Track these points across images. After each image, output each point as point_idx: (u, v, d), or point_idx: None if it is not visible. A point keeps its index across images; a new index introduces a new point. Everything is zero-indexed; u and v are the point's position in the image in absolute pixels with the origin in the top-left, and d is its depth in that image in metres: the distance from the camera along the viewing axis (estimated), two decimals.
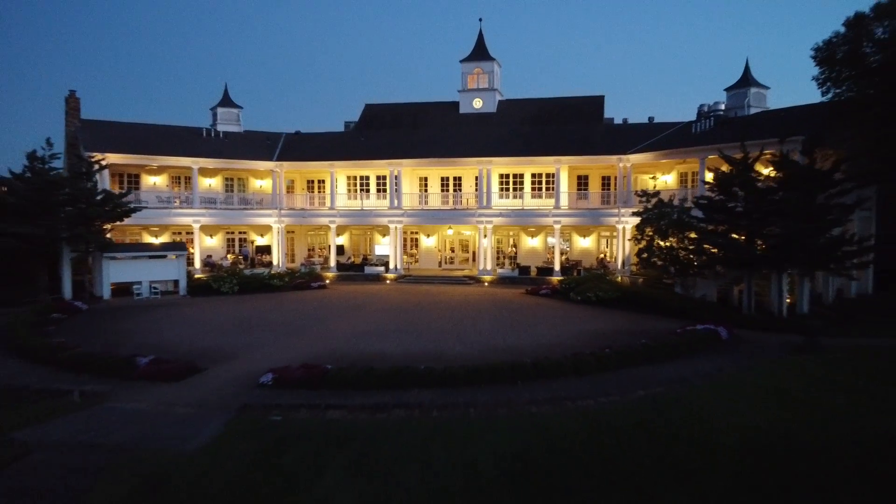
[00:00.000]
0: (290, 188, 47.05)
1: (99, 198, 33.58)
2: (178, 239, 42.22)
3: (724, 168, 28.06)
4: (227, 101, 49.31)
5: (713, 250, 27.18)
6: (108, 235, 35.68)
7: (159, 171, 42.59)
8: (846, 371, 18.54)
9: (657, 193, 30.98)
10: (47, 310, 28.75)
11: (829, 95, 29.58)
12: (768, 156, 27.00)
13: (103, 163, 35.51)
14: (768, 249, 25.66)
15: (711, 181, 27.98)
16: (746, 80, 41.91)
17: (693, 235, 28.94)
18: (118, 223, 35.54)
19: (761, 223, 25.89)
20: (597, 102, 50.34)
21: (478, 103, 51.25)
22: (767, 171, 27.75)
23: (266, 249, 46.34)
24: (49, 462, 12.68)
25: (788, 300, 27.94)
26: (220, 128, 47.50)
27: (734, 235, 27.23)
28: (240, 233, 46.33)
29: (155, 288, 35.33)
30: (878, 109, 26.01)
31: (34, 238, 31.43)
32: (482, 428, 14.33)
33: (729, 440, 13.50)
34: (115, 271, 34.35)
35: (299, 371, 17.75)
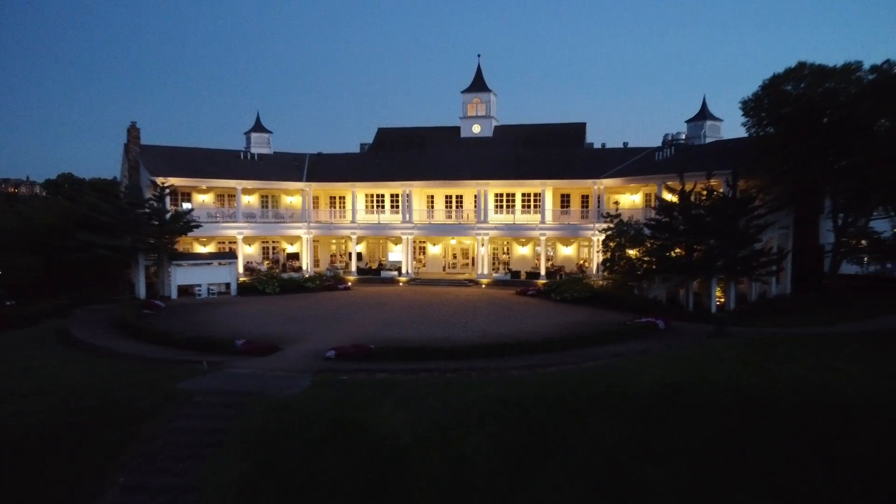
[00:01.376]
0: (316, 204, 54.17)
1: (168, 216, 40.81)
2: (223, 248, 49.33)
3: (669, 196, 35.33)
4: (259, 127, 56.51)
5: (655, 261, 34.45)
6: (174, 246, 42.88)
7: (207, 190, 49.76)
8: (735, 348, 25.81)
9: (619, 215, 38.27)
10: (138, 306, 35.98)
11: (754, 137, 36.85)
12: (701, 186, 34.29)
13: (168, 186, 42.72)
14: (700, 261, 32.91)
15: (658, 206, 35.26)
16: (703, 114, 49.34)
17: (649, 245, 36.19)
18: (181, 236, 42.75)
19: (696, 240, 33.16)
20: (579, 129, 57.73)
21: (476, 129, 58.57)
22: (716, 193, 35.07)
23: (295, 256, 53.52)
24: (206, 402, 19.91)
25: (722, 300, 35.23)
26: (254, 150, 54.67)
27: (677, 249, 34.49)
28: (273, 242, 53.53)
29: (211, 289, 42.55)
30: (788, 149, 33.21)
31: (120, 249, 38.67)
32: (479, 383, 21.59)
33: (641, 390, 20.77)
34: (181, 276, 41.56)
35: (351, 349, 24.96)
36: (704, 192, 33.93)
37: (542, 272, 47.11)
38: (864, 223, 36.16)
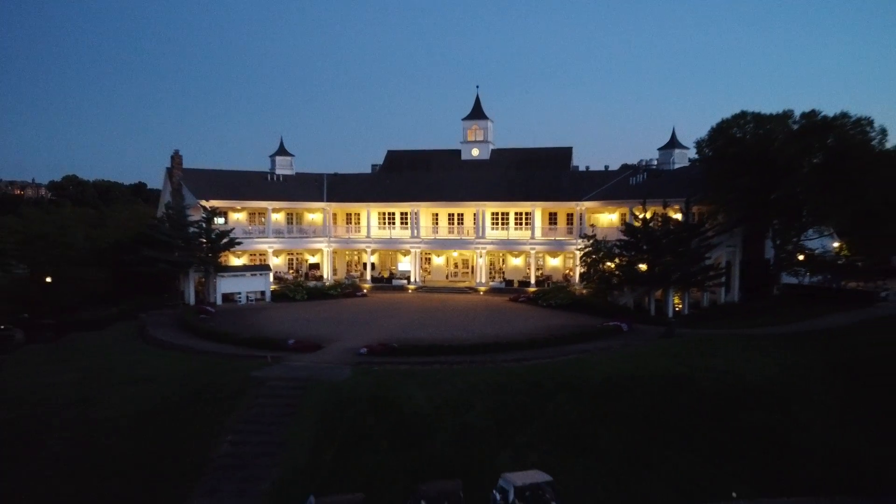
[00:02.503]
0: (335, 220, 60.97)
1: (215, 235, 47.67)
2: (254, 260, 56.06)
3: (641, 215, 42.28)
4: (282, 151, 63.35)
5: (624, 274, 41.39)
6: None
7: (241, 209, 56.57)
8: (677, 345, 32.75)
9: (594, 235, 45.20)
10: (194, 311, 42.84)
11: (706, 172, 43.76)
12: (661, 212, 41.23)
13: (213, 208, 49.53)
14: (659, 274, 39.82)
15: (625, 226, 42.19)
16: (673, 143, 56.35)
17: (617, 262, 43.11)
18: (224, 252, 49.57)
19: (655, 257, 40.08)
20: (566, 153, 64.75)
21: (475, 152, 65.54)
22: (676, 216, 41.99)
23: (316, 266, 60.36)
24: (278, 385, 26.79)
25: (679, 306, 42.13)
26: (278, 171, 61.47)
27: (642, 264, 41.38)
28: (297, 254, 60.39)
29: (249, 296, 49.42)
30: (731, 182, 40.05)
31: (178, 263, 45.52)
32: (478, 371, 28.50)
33: (598, 377, 27.70)
34: (224, 285, 48.44)
35: (378, 347, 31.83)
36: (660, 218, 40.86)
37: (533, 281, 53.97)
38: (796, 243, 43.11)
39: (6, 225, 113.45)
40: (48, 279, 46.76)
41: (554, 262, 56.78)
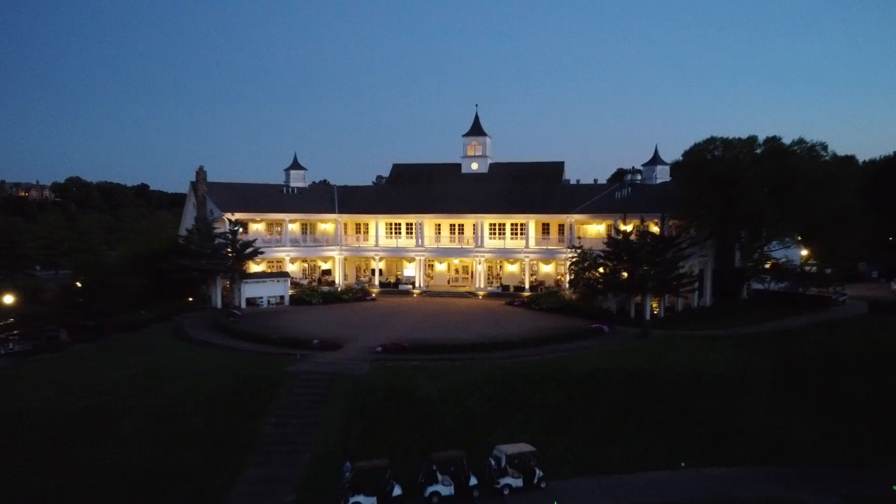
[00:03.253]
0: (345, 230, 65.89)
1: (239, 245, 52.63)
2: (271, 267, 60.91)
3: (624, 227, 47.29)
4: (296, 165, 68.32)
5: (607, 281, 46.41)
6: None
7: (260, 220, 61.50)
8: (648, 345, 37.75)
9: (581, 246, 50.19)
10: (224, 314, 47.78)
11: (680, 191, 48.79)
12: (639, 226, 46.23)
13: (237, 221, 54.47)
14: (637, 282, 44.81)
15: (609, 239, 47.15)
16: (655, 159, 61.31)
17: (601, 271, 48.09)
18: (248, 261, 54.48)
19: (635, 266, 45.08)
20: (558, 167, 69.66)
21: (475, 166, 70.44)
22: (655, 228, 46.96)
23: (328, 272, 65.31)
24: (309, 378, 31.79)
25: (656, 310, 47.12)
26: (292, 184, 66.44)
27: (623, 273, 46.33)
28: (311, 261, 65.34)
29: (270, 300, 54.36)
30: (701, 200, 45.08)
31: (206, 270, 50.48)
32: (477, 366, 33.48)
33: (578, 371, 32.71)
34: (248, 290, 53.40)
35: (391, 346, 36.80)
36: (640, 231, 45.88)
37: (527, 286, 58.95)
38: (760, 253, 48.19)
39: (29, 231, 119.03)
40: (90, 285, 51.47)
41: (546, 269, 61.75)
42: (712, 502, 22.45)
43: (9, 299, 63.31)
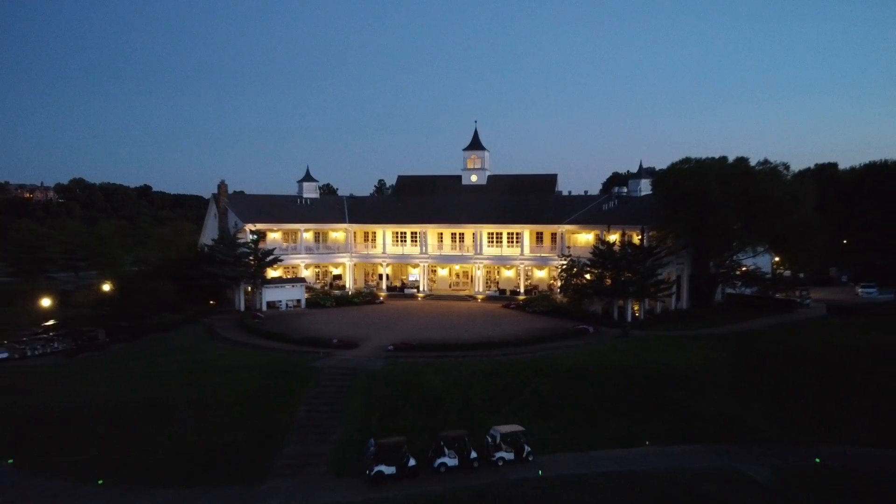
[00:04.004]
0: (355, 238, 70.81)
1: (260, 253, 57.52)
2: (287, 273, 65.75)
3: (611, 237, 52.27)
4: (308, 177, 73.28)
5: (593, 286, 51.36)
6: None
7: (277, 229, 66.40)
8: (627, 344, 42.66)
9: (570, 255, 55.14)
10: (249, 316, 52.67)
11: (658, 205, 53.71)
12: (621, 236, 51.17)
13: (258, 231, 59.35)
14: (620, 287, 49.74)
15: (595, 249, 52.06)
16: (640, 173, 66.32)
17: (588, 277, 53.02)
18: (268, 268, 59.38)
19: (618, 273, 50.00)
20: (551, 179, 74.64)
21: (474, 178, 75.39)
22: (638, 238, 51.88)
23: (338, 277, 70.20)
24: (333, 372, 36.72)
25: (637, 312, 52.03)
26: (305, 195, 71.41)
27: (608, 279, 51.23)
28: (323, 267, 70.24)
29: (288, 304, 59.25)
30: (674, 215, 49.95)
31: (231, 277, 55.37)
32: (476, 362, 38.38)
33: (564, 367, 37.65)
34: (269, 294, 58.31)
35: (401, 345, 41.71)
36: (623, 241, 50.85)
37: (522, 290, 63.87)
38: (730, 262, 53.15)
39: (48, 235, 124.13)
40: (126, 289, 56.25)
41: (540, 274, 66.71)
42: (665, 471, 27.39)
43: (46, 302, 68.37)
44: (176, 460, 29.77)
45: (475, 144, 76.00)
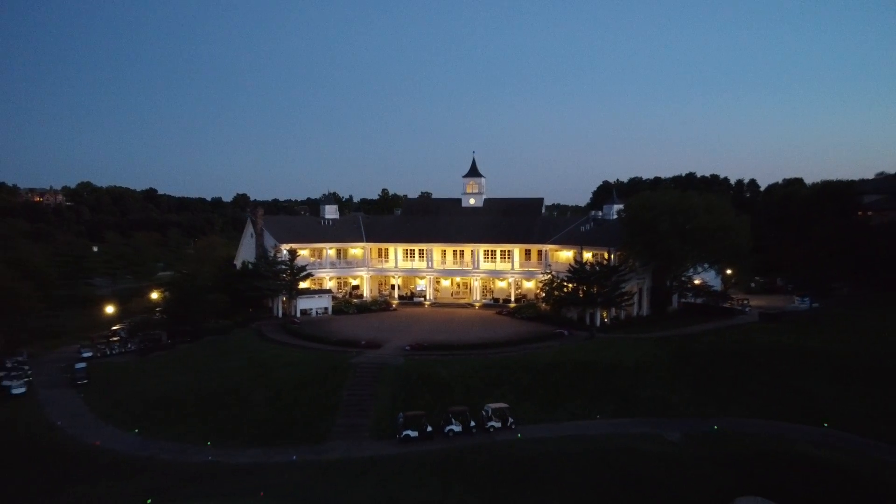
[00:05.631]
0: (371, 254, 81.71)
1: (295, 269, 68.44)
2: (313, 285, 76.42)
3: (587, 255, 63.29)
4: (330, 200, 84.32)
5: (569, 297, 62.43)
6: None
7: (306, 248, 77.27)
8: (592, 344, 53.72)
9: (550, 271, 66.22)
10: (288, 322, 63.59)
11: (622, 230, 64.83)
12: (592, 255, 62.22)
13: (289, 248, 70.28)
14: (590, 298, 60.76)
15: (570, 267, 63.08)
16: (612, 199, 77.47)
17: (566, 289, 64.03)
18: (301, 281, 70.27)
19: (588, 287, 61.05)
20: (538, 203, 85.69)
21: (472, 201, 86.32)
22: (608, 257, 62.93)
23: (356, 287, 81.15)
24: (365, 367, 47.73)
25: (606, 318, 63.09)
26: (327, 216, 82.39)
27: (581, 292, 62.24)
28: (343, 279, 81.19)
29: (318, 311, 70.17)
30: (633, 239, 61.02)
31: (273, 289, 66.28)
32: (474, 359, 49.40)
33: (541, 362, 48.74)
34: (302, 303, 69.20)
35: (416, 345, 52.65)
36: (592, 260, 61.91)
37: (513, 299, 74.88)
38: (682, 277, 64.26)
39: (85, 246, 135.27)
40: (187, 299, 66.92)
41: (528, 285, 77.70)
42: (608, 434, 38.46)
43: (110, 308, 79.44)
44: (258, 429, 40.83)
45: (473, 172, 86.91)
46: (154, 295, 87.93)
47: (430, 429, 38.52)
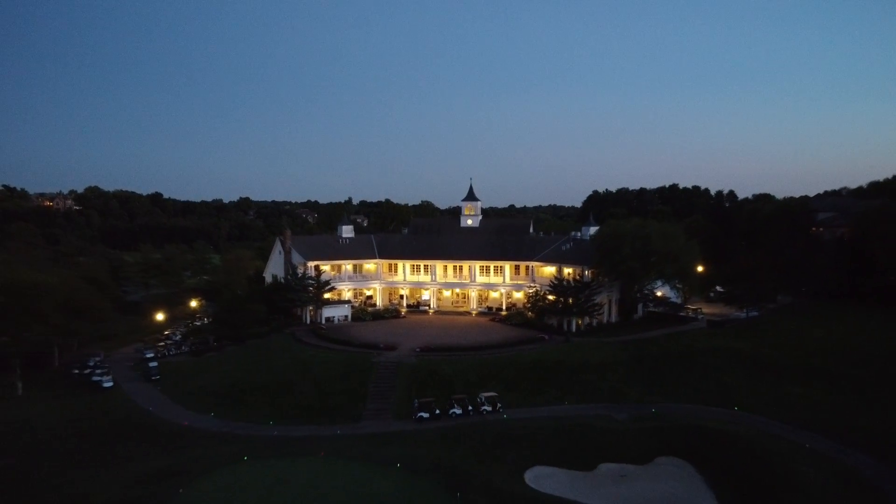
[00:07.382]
0: (383, 269, 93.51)
1: (321, 283, 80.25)
2: (333, 296, 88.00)
3: (566, 271, 75.27)
4: (346, 221, 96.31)
5: (549, 307, 74.39)
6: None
7: (328, 264, 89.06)
8: (566, 346, 65.66)
9: (535, 284, 78.14)
10: (316, 328, 75.41)
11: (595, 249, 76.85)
12: (570, 271, 74.20)
13: (314, 265, 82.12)
14: (567, 308, 72.67)
15: (551, 282, 74.97)
16: (589, 221, 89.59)
17: (547, 301, 75.93)
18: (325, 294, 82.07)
19: (566, 298, 73.00)
20: (526, 223, 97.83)
21: (469, 222, 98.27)
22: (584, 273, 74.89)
23: (370, 297, 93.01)
24: (385, 364, 59.62)
25: (580, 325, 75.03)
26: (344, 235, 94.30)
27: (561, 302, 74.12)
28: (358, 290, 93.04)
29: (339, 318, 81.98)
30: (602, 258, 73.01)
31: (301, 300, 78.13)
32: (472, 359, 61.27)
33: (526, 361, 60.70)
34: (327, 312, 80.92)
35: (425, 348, 64.44)
36: (569, 276, 73.87)
37: (504, 308, 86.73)
38: (644, 290, 76.37)
39: (120, 257, 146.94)
40: (232, 309, 78.52)
41: (517, 296, 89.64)
42: (573, 416, 50.35)
43: (160, 315, 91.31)
44: (307, 412, 52.67)
45: (470, 196, 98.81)
46: (193, 303, 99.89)
47: (437, 411, 50.46)
